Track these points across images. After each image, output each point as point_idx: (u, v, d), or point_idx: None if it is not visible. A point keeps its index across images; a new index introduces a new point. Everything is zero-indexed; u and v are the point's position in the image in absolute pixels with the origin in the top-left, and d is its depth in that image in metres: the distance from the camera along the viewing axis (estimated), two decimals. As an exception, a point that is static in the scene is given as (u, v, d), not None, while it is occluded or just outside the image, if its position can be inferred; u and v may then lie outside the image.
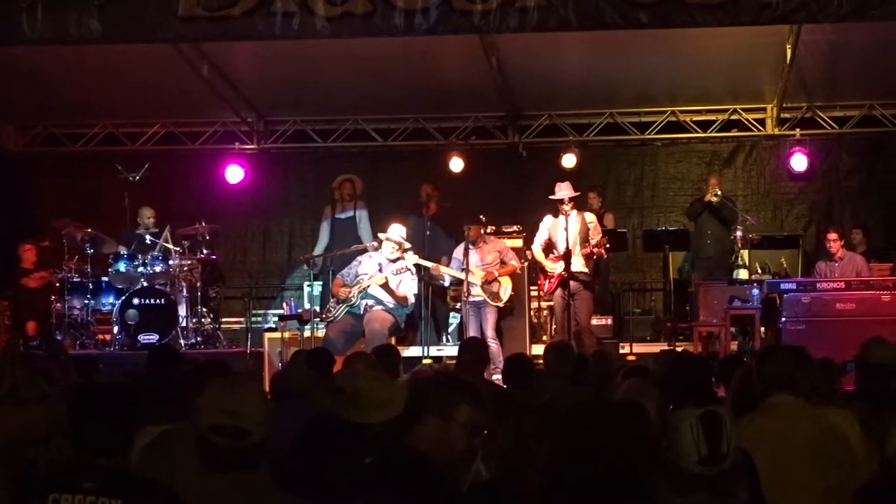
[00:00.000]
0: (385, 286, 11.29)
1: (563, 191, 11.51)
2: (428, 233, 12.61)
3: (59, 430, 4.22)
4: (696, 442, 3.10)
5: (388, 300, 11.36)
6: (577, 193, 11.75)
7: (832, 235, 12.15)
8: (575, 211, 11.55)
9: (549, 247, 11.69)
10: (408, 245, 11.68)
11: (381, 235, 11.84)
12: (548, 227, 11.69)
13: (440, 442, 3.69)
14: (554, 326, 12.23)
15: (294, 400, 5.96)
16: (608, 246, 11.73)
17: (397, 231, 11.67)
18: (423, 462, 3.66)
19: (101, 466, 3.45)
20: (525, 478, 3.86)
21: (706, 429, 3.12)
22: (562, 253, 11.34)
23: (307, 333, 11.56)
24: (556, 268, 11.45)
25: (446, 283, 12.49)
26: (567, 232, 11.29)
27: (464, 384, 4.08)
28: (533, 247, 11.84)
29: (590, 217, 11.78)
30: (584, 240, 11.49)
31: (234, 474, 3.40)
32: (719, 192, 13.10)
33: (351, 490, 3.65)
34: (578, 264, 11.41)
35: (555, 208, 11.61)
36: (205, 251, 12.71)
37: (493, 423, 4.13)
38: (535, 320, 12.83)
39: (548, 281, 11.61)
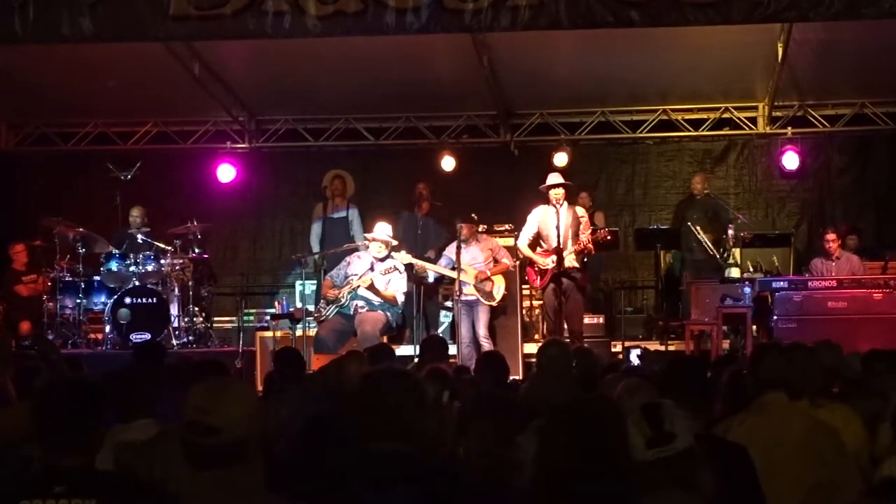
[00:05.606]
0: (371, 287, 11.24)
1: (555, 178, 11.40)
2: (419, 231, 12.62)
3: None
4: (641, 430, 3.28)
5: (378, 300, 11.33)
6: (569, 184, 11.60)
7: (830, 236, 12.19)
8: (566, 203, 11.43)
9: (535, 241, 11.51)
10: (395, 242, 11.63)
11: (367, 236, 11.80)
12: (538, 218, 11.41)
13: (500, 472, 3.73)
14: (546, 326, 12.18)
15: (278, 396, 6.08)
16: (609, 238, 11.61)
17: (383, 230, 11.60)
18: (432, 455, 3.66)
19: (70, 467, 3.34)
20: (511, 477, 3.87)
21: (647, 416, 3.31)
22: (553, 247, 11.19)
23: (299, 332, 11.56)
24: (548, 262, 11.28)
25: (430, 280, 12.39)
26: (559, 230, 11.19)
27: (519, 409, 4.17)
28: (518, 241, 11.61)
29: (581, 211, 11.60)
30: (576, 234, 11.29)
31: (218, 472, 3.34)
32: (703, 238, 12.74)
33: (350, 490, 3.63)
34: (570, 259, 11.23)
35: (546, 201, 11.48)
36: (196, 250, 12.68)
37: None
38: (527, 319, 12.81)
39: (539, 276, 11.51)
